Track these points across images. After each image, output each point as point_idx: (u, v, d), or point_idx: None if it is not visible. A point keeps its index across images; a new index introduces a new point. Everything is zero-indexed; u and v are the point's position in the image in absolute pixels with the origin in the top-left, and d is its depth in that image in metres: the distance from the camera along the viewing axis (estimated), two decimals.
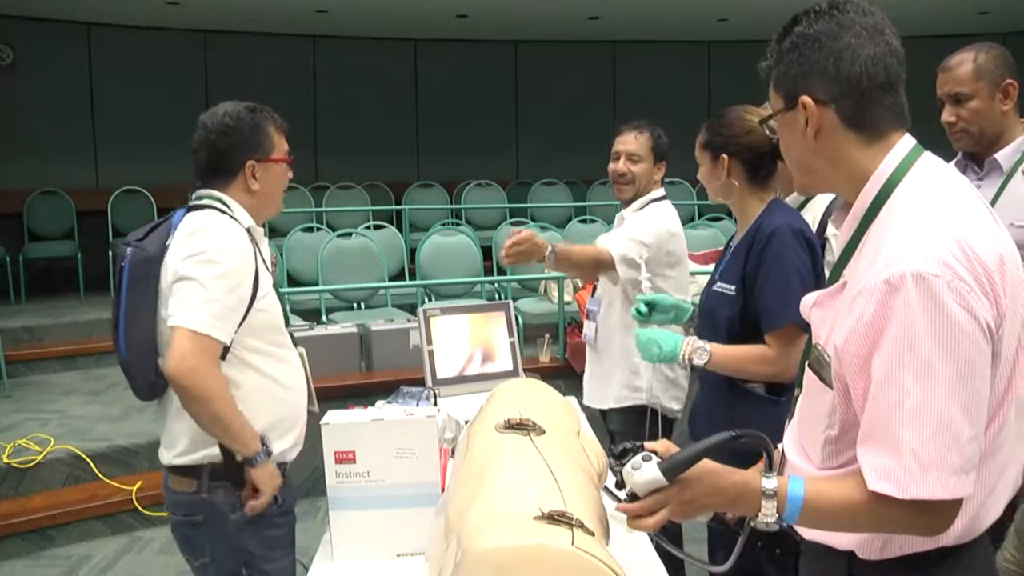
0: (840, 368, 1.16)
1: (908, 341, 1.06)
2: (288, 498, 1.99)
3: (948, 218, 1.11)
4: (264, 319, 1.93)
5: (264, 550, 1.94)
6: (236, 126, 1.95)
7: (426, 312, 2.89)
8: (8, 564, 3.55)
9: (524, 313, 5.08)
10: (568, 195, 8.83)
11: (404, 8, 7.69)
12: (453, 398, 2.69)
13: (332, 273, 5.53)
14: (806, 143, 1.22)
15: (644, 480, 1.17)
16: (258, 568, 1.93)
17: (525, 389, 1.66)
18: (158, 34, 8.10)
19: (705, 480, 1.18)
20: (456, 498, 1.31)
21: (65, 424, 4.35)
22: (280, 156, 2.02)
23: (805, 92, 1.20)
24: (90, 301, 6.60)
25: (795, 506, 1.14)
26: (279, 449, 1.95)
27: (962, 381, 1.06)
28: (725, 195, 2.15)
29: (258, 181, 1.98)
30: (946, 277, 1.05)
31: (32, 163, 7.42)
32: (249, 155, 1.96)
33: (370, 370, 4.40)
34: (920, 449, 1.05)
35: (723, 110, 2.17)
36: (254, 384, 1.91)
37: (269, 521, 1.94)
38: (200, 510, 1.91)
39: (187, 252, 1.84)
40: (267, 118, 2.01)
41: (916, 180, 1.18)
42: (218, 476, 1.90)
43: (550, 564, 1.06)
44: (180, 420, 1.89)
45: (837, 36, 1.18)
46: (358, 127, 8.89)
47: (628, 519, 1.20)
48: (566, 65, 9.52)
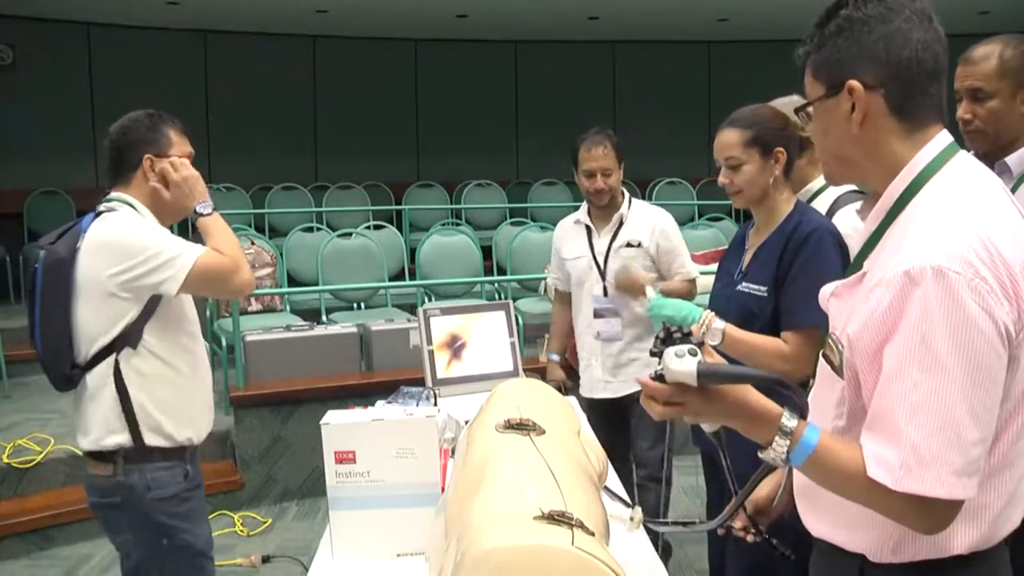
0: (852, 357, 1.15)
1: (922, 334, 1.04)
2: (196, 475, 2.17)
3: (974, 215, 1.09)
4: (173, 311, 2.10)
5: (179, 521, 2.10)
6: (132, 125, 2.13)
7: (426, 312, 2.88)
8: (8, 564, 3.55)
9: (524, 313, 5.09)
10: (568, 195, 8.82)
11: (404, 8, 7.69)
12: (453, 398, 2.69)
13: (332, 273, 5.53)
14: (847, 130, 1.18)
15: (679, 370, 1.13)
16: (179, 538, 2.10)
17: (525, 389, 1.66)
18: (158, 34, 8.10)
19: (729, 398, 1.15)
20: (456, 498, 1.31)
21: (65, 424, 4.34)
22: (178, 154, 2.14)
23: (853, 76, 1.16)
24: None
25: (805, 451, 1.12)
26: (183, 436, 2.11)
27: (973, 382, 1.04)
28: (764, 194, 2.08)
29: (157, 175, 2.12)
30: (967, 275, 1.03)
31: (32, 163, 7.43)
32: (146, 150, 2.11)
33: (370, 370, 4.40)
34: (921, 444, 1.04)
35: (745, 107, 2.12)
36: (157, 372, 2.07)
37: (179, 497, 2.11)
38: (117, 492, 2.07)
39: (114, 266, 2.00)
40: (165, 120, 2.16)
41: (948, 177, 1.15)
42: (131, 459, 2.06)
43: (550, 564, 1.06)
44: (93, 409, 2.07)
45: (887, 19, 1.15)
46: (358, 127, 8.89)
47: (642, 395, 1.19)
48: (566, 65, 9.52)
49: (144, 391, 2.05)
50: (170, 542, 2.10)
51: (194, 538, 2.14)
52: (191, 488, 2.15)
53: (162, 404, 2.08)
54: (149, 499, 2.07)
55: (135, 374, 2.05)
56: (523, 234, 6.09)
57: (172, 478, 2.10)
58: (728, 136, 2.07)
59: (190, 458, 2.16)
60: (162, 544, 2.09)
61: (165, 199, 2.13)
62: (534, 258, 5.87)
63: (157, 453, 2.08)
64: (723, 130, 2.10)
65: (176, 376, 2.11)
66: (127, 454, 2.06)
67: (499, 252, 6.33)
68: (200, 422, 2.18)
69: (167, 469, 2.09)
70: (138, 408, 2.05)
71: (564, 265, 3.19)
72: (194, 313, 2.21)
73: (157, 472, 2.08)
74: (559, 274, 3.27)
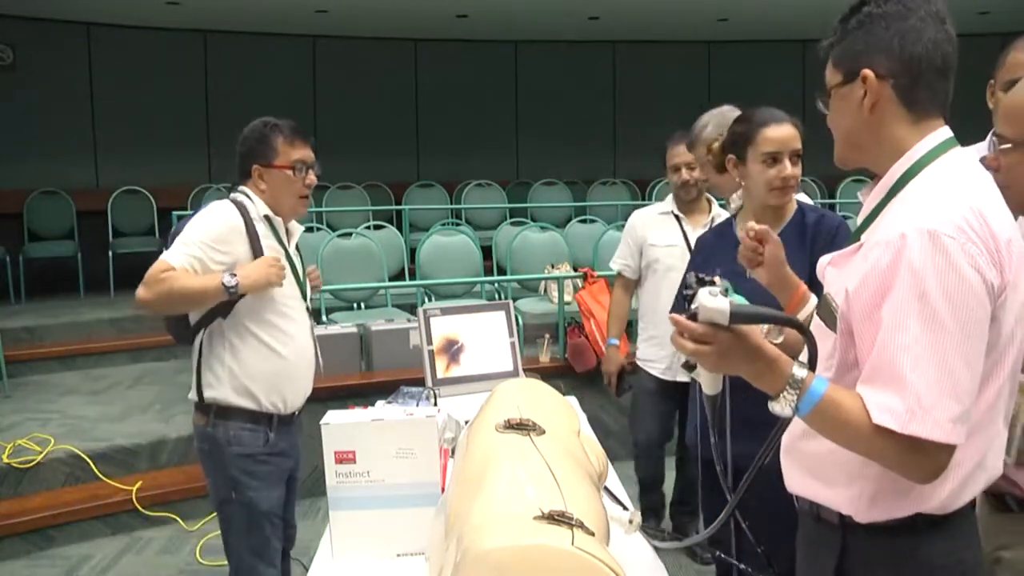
0: (848, 312, 1.24)
1: (919, 291, 1.14)
2: (281, 442, 2.41)
3: (968, 191, 1.21)
4: (264, 293, 2.33)
5: (249, 479, 2.36)
6: (248, 136, 2.42)
7: (426, 312, 2.89)
8: (8, 564, 3.55)
9: (524, 313, 5.08)
10: (568, 195, 8.83)
11: (404, 8, 7.69)
12: (453, 398, 2.69)
13: (332, 273, 5.53)
14: (859, 115, 1.29)
15: (714, 307, 1.17)
16: (243, 494, 2.36)
17: (525, 389, 1.67)
18: (158, 34, 8.10)
19: (749, 340, 1.20)
20: (456, 498, 1.31)
21: (65, 424, 4.35)
22: (282, 163, 2.38)
23: (868, 66, 1.27)
24: (90, 301, 6.61)
25: (811, 400, 1.18)
26: (268, 402, 2.35)
27: (966, 334, 1.14)
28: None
29: (264, 182, 2.40)
30: (960, 240, 1.14)
31: (32, 163, 7.42)
32: (254, 162, 2.40)
33: (370, 370, 4.39)
34: (924, 391, 1.12)
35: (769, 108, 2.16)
36: (250, 348, 2.34)
37: (255, 458, 2.36)
38: (206, 440, 2.37)
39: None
40: (276, 131, 2.40)
41: (944, 164, 1.26)
42: (220, 415, 2.34)
43: (550, 564, 1.06)
44: (196, 366, 2.36)
45: (904, 17, 1.26)
46: (358, 127, 8.89)
47: (673, 333, 1.22)
48: (566, 65, 9.52)
49: (236, 358, 2.32)
50: (237, 496, 2.35)
51: (260, 499, 2.36)
52: (270, 454, 2.38)
53: (249, 371, 2.33)
54: (228, 453, 2.34)
55: (228, 342, 2.33)
56: (523, 234, 6.09)
57: (253, 439, 2.35)
58: (794, 129, 2.12)
59: (277, 426, 2.39)
60: (231, 495, 2.36)
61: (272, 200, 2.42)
62: (534, 258, 5.87)
63: (243, 414, 2.34)
64: (785, 123, 2.11)
65: (263, 348, 2.35)
66: (218, 410, 2.34)
67: (499, 252, 6.33)
68: (288, 393, 2.40)
69: (250, 431, 2.35)
70: (227, 372, 2.32)
71: (650, 251, 3.36)
72: (288, 293, 2.40)
73: (240, 431, 2.34)
74: (630, 261, 3.46)
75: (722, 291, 1.19)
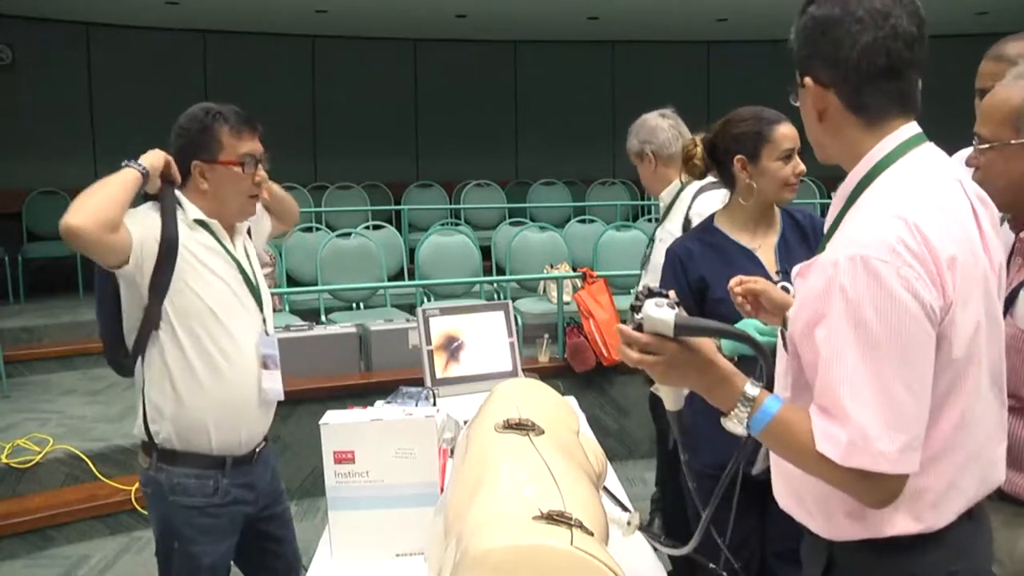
0: (793, 333, 1.22)
1: (855, 319, 1.10)
2: (235, 488, 2.08)
3: (910, 204, 1.15)
4: (194, 302, 2.01)
5: (193, 532, 2.05)
6: (186, 126, 2.06)
7: (425, 312, 2.88)
8: (7, 564, 3.55)
9: (523, 313, 5.08)
10: (568, 195, 8.83)
11: (404, 8, 7.69)
12: (452, 398, 2.68)
13: (331, 273, 5.53)
14: (816, 120, 1.26)
15: (658, 318, 1.17)
16: (184, 549, 2.05)
17: (524, 389, 1.66)
18: (158, 34, 8.10)
19: (700, 354, 1.19)
20: (455, 498, 1.31)
21: (64, 424, 4.35)
22: (227, 159, 2.03)
23: (809, 73, 1.23)
24: (89, 301, 6.55)
25: (763, 420, 1.17)
26: (224, 438, 2.04)
27: (905, 360, 1.10)
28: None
29: (207, 181, 2.04)
30: (895, 264, 1.10)
31: (32, 163, 7.42)
32: (195, 157, 2.03)
33: (369, 370, 4.39)
34: (868, 422, 1.09)
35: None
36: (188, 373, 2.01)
37: (202, 510, 2.05)
38: (149, 484, 2.07)
39: None
40: (220, 119, 2.03)
41: (901, 168, 1.20)
42: (166, 459, 2.03)
43: (549, 564, 1.06)
44: (144, 396, 2.05)
45: (838, 22, 1.19)
46: (357, 127, 8.89)
47: (620, 343, 1.22)
48: (566, 65, 9.52)
49: (175, 388, 2.01)
50: (180, 547, 2.05)
51: (203, 553, 2.06)
52: (220, 504, 2.06)
53: (192, 401, 2.00)
54: (170, 500, 2.04)
55: (167, 368, 2.00)
56: (522, 234, 6.09)
57: (200, 488, 2.04)
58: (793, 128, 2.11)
59: (231, 469, 2.07)
60: (172, 546, 2.06)
61: (214, 202, 2.09)
62: (533, 258, 5.88)
63: (189, 459, 2.03)
64: (785, 123, 2.11)
65: (204, 369, 2.02)
66: (161, 453, 2.03)
67: (498, 252, 6.33)
68: (241, 428, 2.08)
69: (196, 478, 2.03)
70: (170, 404, 2.00)
71: None
72: (227, 301, 2.07)
73: (185, 479, 2.03)
74: None
75: (670, 304, 1.18)
